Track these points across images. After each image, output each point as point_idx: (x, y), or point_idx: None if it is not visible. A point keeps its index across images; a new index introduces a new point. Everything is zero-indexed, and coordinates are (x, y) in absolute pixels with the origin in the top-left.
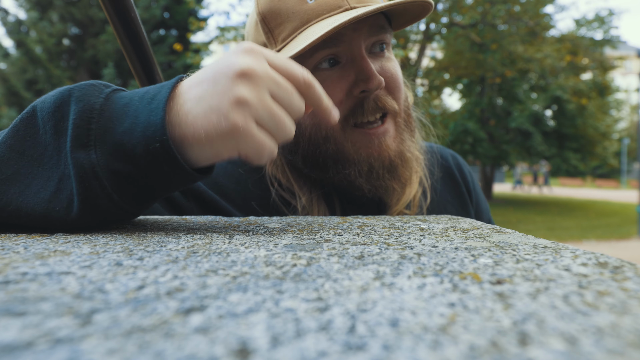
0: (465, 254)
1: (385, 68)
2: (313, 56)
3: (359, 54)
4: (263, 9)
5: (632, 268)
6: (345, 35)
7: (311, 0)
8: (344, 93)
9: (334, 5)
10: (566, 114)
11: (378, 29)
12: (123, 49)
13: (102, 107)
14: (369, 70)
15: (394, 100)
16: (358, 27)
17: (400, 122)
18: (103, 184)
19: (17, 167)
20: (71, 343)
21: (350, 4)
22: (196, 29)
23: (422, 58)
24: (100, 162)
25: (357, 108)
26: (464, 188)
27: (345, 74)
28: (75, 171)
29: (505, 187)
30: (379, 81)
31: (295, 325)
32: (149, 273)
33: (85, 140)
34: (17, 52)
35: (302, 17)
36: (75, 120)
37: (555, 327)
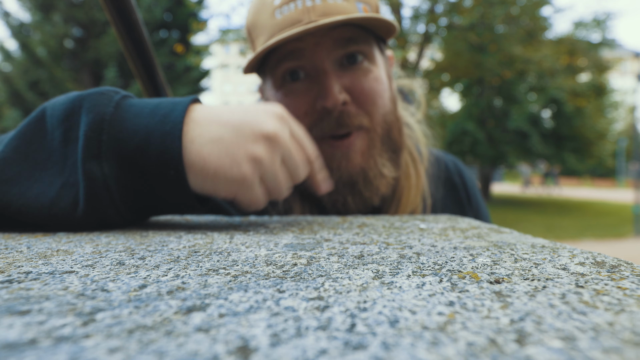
0: (464, 253)
1: (355, 82)
2: (278, 68)
3: (320, 68)
4: (248, 22)
5: (628, 267)
6: (305, 50)
7: (279, 15)
8: (308, 105)
9: (295, 20)
10: (564, 114)
11: (345, 42)
12: (125, 50)
13: (113, 117)
14: (326, 88)
15: (365, 115)
16: (320, 41)
17: (375, 138)
18: (113, 196)
19: (20, 169)
20: (74, 341)
21: (311, 18)
22: (196, 30)
23: (421, 59)
24: (112, 174)
25: (319, 122)
26: (464, 194)
27: (311, 87)
28: (87, 182)
29: (504, 187)
30: (334, 100)
31: (295, 323)
32: (150, 272)
33: (96, 151)
34: (21, 53)
35: (270, 31)
36: (87, 132)
37: (553, 326)
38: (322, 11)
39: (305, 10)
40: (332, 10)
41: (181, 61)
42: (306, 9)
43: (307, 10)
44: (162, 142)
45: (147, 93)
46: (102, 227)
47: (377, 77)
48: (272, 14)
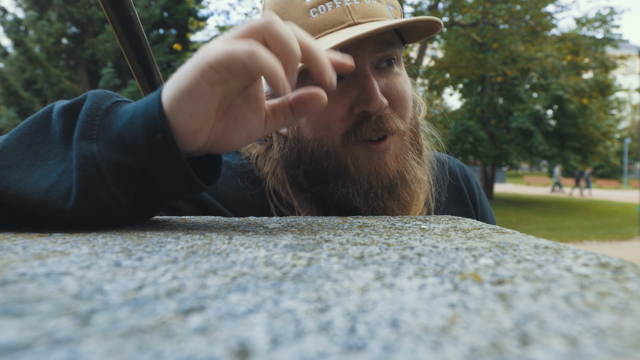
0: (465, 254)
1: (391, 85)
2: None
3: (362, 71)
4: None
5: (633, 268)
6: (348, 52)
7: (314, 14)
8: (345, 110)
9: (337, 21)
10: (567, 113)
11: (384, 45)
12: (122, 48)
13: (108, 109)
14: (370, 91)
15: (399, 118)
16: (362, 43)
17: (406, 141)
18: (102, 174)
19: (22, 158)
20: (70, 344)
21: (354, 19)
22: (196, 28)
23: (423, 57)
24: (102, 154)
25: (358, 126)
26: (470, 200)
27: (347, 90)
28: (77, 160)
29: (506, 187)
30: (379, 104)
31: (295, 326)
32: (148, 273)
33: (89, 133)
34: (16, 51)
35: (306, 30)
36: (82, 116)
37: (557, 328)
38: (363, 12)
39: (346, 11)
40: (371, 12)
41: (179, 59)
42: (346, 9)
43: (348, 11)
44: (144, 112)
45: (145, 91)
46: (101, 222)
47: (406, 80)
48: (305, 12)
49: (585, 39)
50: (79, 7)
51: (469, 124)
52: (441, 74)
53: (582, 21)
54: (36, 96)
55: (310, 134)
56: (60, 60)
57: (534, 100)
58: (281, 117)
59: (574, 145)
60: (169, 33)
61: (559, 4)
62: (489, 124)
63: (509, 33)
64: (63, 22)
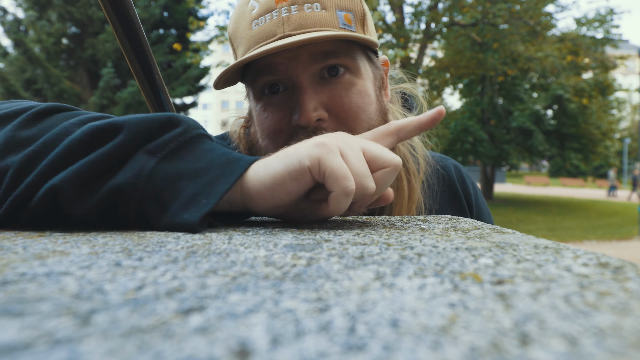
0: (465, 254)
1: (335, 98)
2: (255, 81)
3: (297, 82)
4: (229, 30)
5: (633, 268)
6: (281, 64)
7: (255, 26)
8: (285, 121)
9: (270, 33)
10: (567, 113)
11: (321, 56)
12: (122, 48)
13: (191, 139)
14: (300, 104)
15: (347, 131)
16: (295, 55)
17: None
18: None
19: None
20: (70, 344)
21: (285, 31)
22: (196, 28)
23: (423, 57)
24: (156, 171)
25: (295, 138)
26: (465, 201)
27: (289, 101)
28: (128, 168)
29: (506, 187)
30: (307, 118)
31: (295, 325)
32: (148, 273)
33: (157, 150)
34: (16, 51)
35: (247, 43)
36: (166, 137)
37: (556, 328)
38: (298, 23)
39: (280, 22)
40: (308, 22)
41: (179, 59)
42: (281, 20)
43: (282, 22)
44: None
45: (145, 92)
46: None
47: (360, 90)
48: (249, 24)
49: (585, 39)
50: (79, 7)
51: (469, 124)
52: (441, 74)
53: (582, 21)
54: (36, 96)
55: (260, 139)
56: (60, 60)
57: (534, 100)
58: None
59: (574, 146)
60: (169, 33)
61: (559, 4)
62: (488, 123)
63: (509, 33)
64: (63, 22)
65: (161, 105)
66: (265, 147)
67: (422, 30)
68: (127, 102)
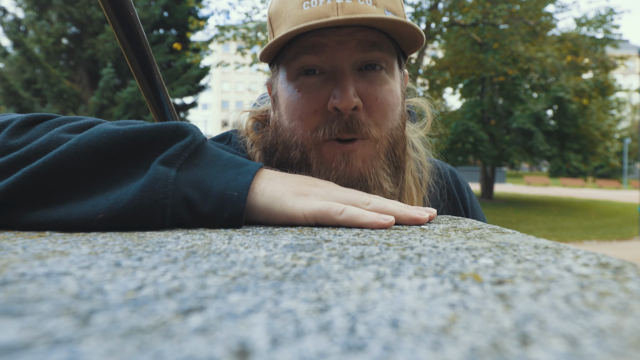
0: (465, 254)
1: (370, 90)
2: (295, 60)
3: (339, 67)
4: (271, 9)
5: (633, 269)
6: (328, 47)
7: (306, 7)
8: (320, 104)
9: (322, 14)
10: (567, 113)
11: (368, 46)
12: (122, 48)
13: (199, 147)
14: (342, 88)
15: (374, 125)
16: (344, 40)
17: (380, 150)
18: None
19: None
20: (70, 344)
21: (339, 15)
22: (196, 28)
23: (423, 57)
24: (179, 178)
25: (328, 123)
26: (461, 205)
27: (325, 85)
28: (151, 177)
29: (506, 187)
30: (348, 102)
31: (295, 326)
32: (148, 273)
33: (173, 161)
34: (15, 51)
35: (293, 21)
36: (176, 147)
37: (557, 328)
38: (351, 10)
39: (334, 7)
40: (360, 11)
41: (179, 59)
42: (335, 5)
43: (336, 7)
44: (235, 176)
45: (145, 92)
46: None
47: (392, 90)
48: (299, 5)
49: (585, 39)
50: (79, 7)
51: (469, 124)
52: (441, 74)
53: (582, 21)
54: (36, 96)
55: (286, 122)
56: (60, 61)
57: (534, 101)
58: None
59: (573, 146)
60: (169, 33)
61: (559, 4)
62: (489, 124)
63: (509, 33)
64: (63, 22)
65: (161, 105)
66: (293, 129)
67: (422, 31)
68: (127, 102)
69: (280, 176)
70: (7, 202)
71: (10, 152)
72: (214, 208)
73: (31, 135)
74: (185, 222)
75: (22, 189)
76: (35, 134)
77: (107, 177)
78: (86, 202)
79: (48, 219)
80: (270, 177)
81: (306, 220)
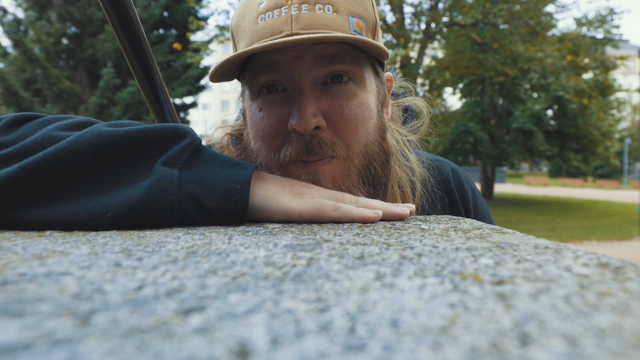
0: (465, 254)
1: (335, 106)
2: (254, 79)
3: (298, 84)
4: (232, 23)
5: (633, 269)
6: (284, 63)
7: (261, 21)
8: (281, 124)
9: (276, 30)
10: (567, 113)
11: (327, 60)
12: (122, 48)
13: (197, 148)
14: (300, 109)
15: (342, 143)
16: (301, 55)
17: (351, 169)
18: (173, 196)
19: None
20: (70, 344)
21: (293, 29)
22: (196, 28)
23: (423, 57)
24: (182, 177)
25: (289, 144)
26: (462, 208)
27: (286, 103)
28: (156, 174)
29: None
30: (306, 125)
31: (295, 326)
32: (148, 273)
33: (174, 162)
34: (15, 51)
35: (249, 37)
36: (176, 149)
37: (557, 328)
38: (307, 22)
39: (288, 20)
40: (317, 23)
41: (179, 59)
42: (289, 17)
43: (290, 20)
44: (234, 171)
45: (145, 92)
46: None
47: (362, 103)
48: (255, 18)
49: (585, 39)
50: (79, 7)
51: (469, 125)
52: (441, 74)
53: (582, 21)
54: (36, 96)
55: (252, 142)
56: (60, 61)
57: (534, 101)
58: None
59: (573, 146)
60: (169, 33)
61: (559, 4)
62: (489, 124)
63: (509, 33)
64: (63, 22)
65: (161, 105)
66: (257, 150)
67: (422, 30)
68: (127, 102)
69: (273, 177)
70: (4, 196)
71: (1, 148)
72: (219, 202)
73: (22, 133)
74: (193, 218)
75: (19, 183)
76: (25, 132)
77: (108, 176)
78: (90, 201)
79: (50, 217)
80: (265, 177)
81: (302, 217)
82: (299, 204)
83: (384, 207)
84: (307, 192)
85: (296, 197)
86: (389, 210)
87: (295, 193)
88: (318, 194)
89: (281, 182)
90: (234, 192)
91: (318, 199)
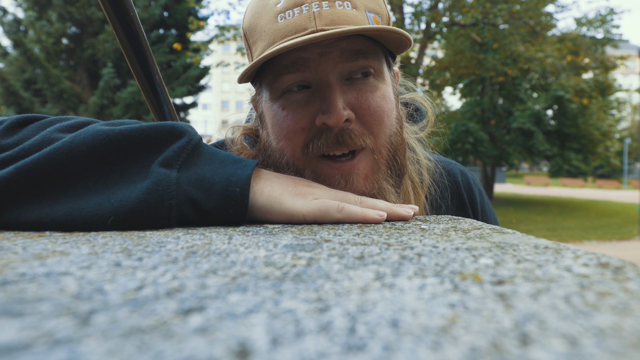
0: (465, 254)
1: (362, 99)
2: (278, 80)
3: (325, 81)
4: (245, 24)
5: (633, 268)
6: (310, 60)
7: (281, 20)
8: (307, 121)
9: (300, 27)
10: (567, 113)
11: (352, 55)
12: (122, 48)
13: (196, 146)
14: (330, 102)
15: (369, 135)
16: (326, 51)
17: (380, 161)
18: (172, 197)
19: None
20: (70, 344)
21: (317, 25)
22: (196, 28)
23: (423, 57)
24: (180, 179)
25: (318, 139)
26: (470, 209)
27: (312, 101)
28: (154, 177)
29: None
30: (338, 117)
31: (295, 326)
32: (148, 274)
33: (172, 162)
34: (15, 51)
35: (270, 37)
36: (174, 148)
37: (557, 328)
38: (330, 19)
39: (311, 17)
40: (340, 19)
41: (179, 59)
42: (312, 15)
43: (313, 17)
44: (233, 170)
45: (145, 92)
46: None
47: (384, 95)
48: (274, 18)
49: (585, 39)
50: (79, 7)
51: (469, 125)
52: (441, 74)
53: (582, 21)
54: (36, 96)
55: (274, 143)
56: (60, 61)
57: (534, 101)
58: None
59: (573, 146)
60: (169, 33)
61: (559, 4)
62: (489, 124)
63: (509, 33)
64: (63, 22)
65: (161, 105)
66: (281, 150)
67: (422, 30)
68: (127, 102)
69: (276, 176)
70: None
71: (2, 152)
72: (218, 205)
73: (23, 136)
74: (191, 220)
75: (15, 184)
76: (27, 134)
77: (104, 176)
78: (86, 201)
79: (47, 218)
80: (267, 177)
81: (305, 219)
82: (302, 206)
83: (388, 208)
84: (311, 193)
85: (299, 198)
86: (393, 211)
87: (298, 194)
88: (321, 194)
89: (284, 182)
90: (234, 196)
91: (322, 199)
